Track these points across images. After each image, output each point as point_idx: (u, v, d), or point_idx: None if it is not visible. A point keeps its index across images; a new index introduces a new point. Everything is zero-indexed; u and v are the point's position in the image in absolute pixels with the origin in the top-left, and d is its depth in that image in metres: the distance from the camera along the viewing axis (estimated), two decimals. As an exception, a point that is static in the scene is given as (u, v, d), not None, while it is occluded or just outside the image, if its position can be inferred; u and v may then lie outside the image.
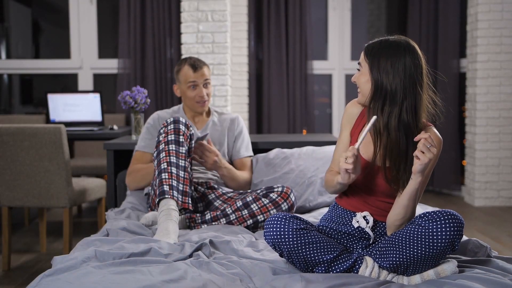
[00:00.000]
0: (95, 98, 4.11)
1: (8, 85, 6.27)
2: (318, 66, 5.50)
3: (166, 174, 2.30)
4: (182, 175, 2.34)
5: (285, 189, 2.45)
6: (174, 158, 2.35)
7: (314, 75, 5.39)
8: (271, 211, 2.40)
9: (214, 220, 2.43)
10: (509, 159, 4.95)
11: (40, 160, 3.08)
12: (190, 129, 2.47)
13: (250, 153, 2.92)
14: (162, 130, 2.44)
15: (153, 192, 2.56)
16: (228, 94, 4.52)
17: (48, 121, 4.25)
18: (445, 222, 1.64)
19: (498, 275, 1.67)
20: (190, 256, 1.92)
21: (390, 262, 1.73)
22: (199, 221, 2.43)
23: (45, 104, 4.16)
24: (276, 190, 2.44)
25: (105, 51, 5.57)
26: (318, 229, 1.90)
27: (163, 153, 2.36)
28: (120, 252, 1.86)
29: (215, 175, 2.76)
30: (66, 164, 3.09)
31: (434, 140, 1.80)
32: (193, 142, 2.49)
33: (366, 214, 1.85)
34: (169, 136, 2.40)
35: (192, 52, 4.44)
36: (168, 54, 5.10)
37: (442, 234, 1.64)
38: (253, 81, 5.33)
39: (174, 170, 2.32)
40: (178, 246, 1.99)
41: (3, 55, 6.24)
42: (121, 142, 3.14)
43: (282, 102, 5.29)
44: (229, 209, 2.43)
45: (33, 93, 6.39)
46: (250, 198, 2.43)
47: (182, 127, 2.43)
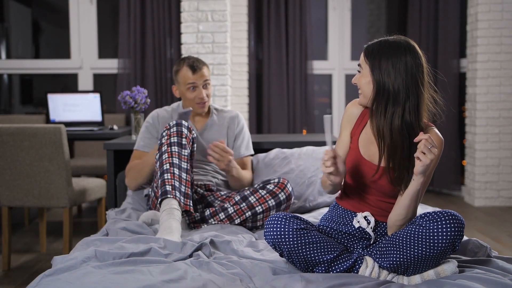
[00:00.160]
0: (95, 98, 4.11)
1: (8, 85, 6.27)
2: (318, 66, 5.49)
3: (169, 174, 2.30)
4: (185, 177, 2.33)
5: (281, 179, 2.48)
6: (177, 160, 2.35)
7: (314, 75, 5.39)
8: (269, 202, 2.42)
9: (213, 215, 2.44)
10: (509, 159, 4.95)
11: (40, 160, 3.08)
12: (193, 132, 2.48)
13: (251, 151, 2.90)
14: (164, 133, 2.43)
15: (153, 194, 2.55)
16: (228, 94, 4.52)
17: (48, 121, 4.25)
18: (445, 223, 1.64)
19: (498, 275, 1.67)
20: (190, 256, 1.92)
21: (390, 262, 1.73)
22: (198, 218, 2.43)
23: (45, 104, 4.16)
24: (272, 181, 2.48)
25: (105, 51, 5.57)
26: (319, 229, 1.89)
27: (166, 154, 2.36)
28: (120, 252, 1.86)
29: (215, 177, 2.75)
30: (66, 164, 3.09)
31: (435, 140, 1.79)
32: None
33: (367, 214, 1.85)
34: (171, 138, 2.40)
35: (192, 52, 4.44)
36: (168, 54, 5.09)
37: (442, 234, 1.64)
38: (253, 81, 5.33)
39: (176, 171, 2.32)
40: (183, 244, 1.99)
41: (3, 55, 6.24)
42: (121, 142, 3.14)
43: (282, 102, 5.29)
44: (227, 204, 2.46)
45: (33, 93, 6.39)
46: (248, 192, 2.46)
47: (184, 130, 2.43)
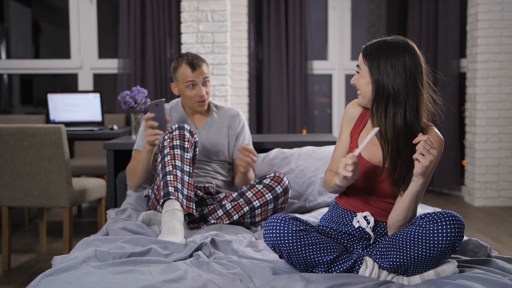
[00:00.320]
0: (95, 98, 4.11)
1: (8, 85, 6.27)
2: (318, 66, 5.49)
3: (171, 176, 2.30)
4: (187, 180, 2.33)
5: (277, 173, 2.51)
6: (179, 162, 2.35)
7: (314, 75, 5.39)
8: (266, 196, 2.44)
9: (211, 212, 2.45)
10: (509, 159, 4.95)
11: (40, 160, 3.08)
12: (195, 136, 2.47)
13: None
14: (166, 136, 2.43)
15: (153, 195, 2.55)
16: (228, 94, 4.52)
17: (48, 121, 4.24)
18: (446, 224, 1.64)
19: (498, 275, 1.67)
20: (190, 256, 1.92)
21: (390, 262, 1.73)
22: (197, 216, 2.44)
23: (45, 104, 4.15)
24: (268, 176, 2.51)
25: (105, 51, 5.57)
26: (318, 229, 1.89)
27: (168, 156, 2.36)
28: (120, 252, 1.86)
29: (216, 177, 2.72)
30: (66, 164, 3.09)
31: (435, 140, 1.79)
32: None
33: (366, 214, 1.85)
34: (174, 141, 2.39)
35: (192, 52, 4.43)
36: (168, 54, 5.09)
37: (443, 235, 1.63)
38: (253, 81, 5.33)
39: (179, 173, 2.32)
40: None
41: (3, 55, 6.24)
42: (121, 142, 3.14)
43: (282, 102, 5.29)
44: (225, 201, 2.48)
45: (33, 93, 6.39)
46: (245, 188, 2.50)
47: (187, 134, 2.43)
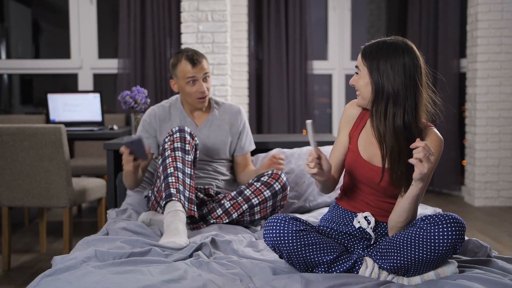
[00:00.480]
0: (95, 98, 4.11)
1: (8, 85, 6.27)
2: (318, 66, 5.49)
3: (173, 178, 2.30)
4: (188, 182, 2.33)
5: (275, 171, 2.51)
6: (181, 165, 2.34)
7: (314, 75, 5.39)
8: (265, 193, 2.44)
9: (211, 212, 2.46)
10: (509, 159, 4.95)
11: (40, 160, 3.08)
12: (195, 139, 2.47)
13: (253, 145, 2.85)
14: (167, 139, 2.42)
15: (153, 197, 2.55)
16: (228, 94, 4.52)
17: (48, 121, 4.24)
18: (447, 226, 1.63)
19: (498, 275, 1.67)
20: (190, 256, 1.92)
21: (390, 263, 1.73)
22: (197, 216, 2.43)
23: (45, 104, 4.15)
24: (266, 174, 2.51)
25: (105, 51, 5.57)
26: (318, 229, 1.89)
27: (170, 158, 2.35)
28: (120, 252, 1.86)
29: (216, 178, 2.72)
30: (66, 164, 3.09)
31: (435, 140, 1.79)
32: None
33: (367, 214, 1.85)
34: (175, 143, 2.39)
35: (191, 50, 4.43)
36: (168, 54, 5.09)
37: (444, 237, 1.63)
38: (253, 81, 5.33)
39: (180, 175, 2.31)
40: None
41: (3, 55, 6.24)
42: (121, 142, 3.13)
43: (282, 102, 5.29)
44: (224, 200, 2.49)
45: (33, 93, 6.39)
46: (243, 186, 2.50)
47: (187, 136, 2.42)
